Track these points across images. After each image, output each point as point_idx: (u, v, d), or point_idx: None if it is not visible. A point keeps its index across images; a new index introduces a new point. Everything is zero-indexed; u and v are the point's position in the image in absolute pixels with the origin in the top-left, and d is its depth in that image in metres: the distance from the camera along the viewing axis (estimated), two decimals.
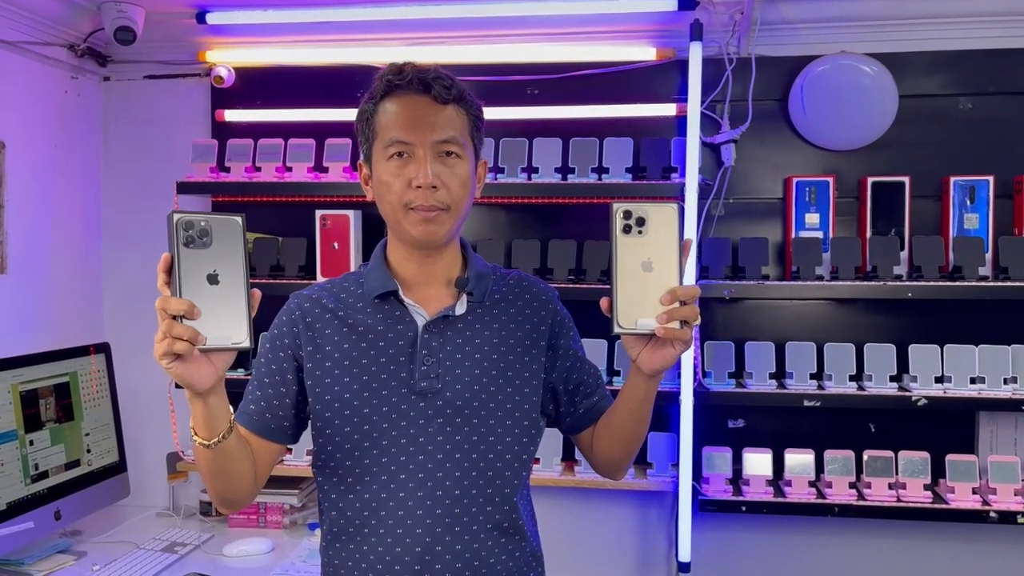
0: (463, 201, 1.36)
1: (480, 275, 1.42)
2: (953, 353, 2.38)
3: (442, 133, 1.32)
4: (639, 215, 1.19)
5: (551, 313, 1.46)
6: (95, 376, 2.46)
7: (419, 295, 1.40)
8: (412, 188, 1.31)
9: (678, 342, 1.21)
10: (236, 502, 1.38)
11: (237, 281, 1.12)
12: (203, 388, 1.15)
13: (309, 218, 2.57)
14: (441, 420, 1.34)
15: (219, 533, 2.52)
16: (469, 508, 1.34)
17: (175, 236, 1.09)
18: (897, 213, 2.46)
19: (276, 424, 1.39)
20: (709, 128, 2.54)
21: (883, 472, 2.39)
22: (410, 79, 1.33)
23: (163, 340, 1.08)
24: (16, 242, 2.48)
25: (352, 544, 1.36)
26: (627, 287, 1.20)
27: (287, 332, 1.40)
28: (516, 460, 1.38)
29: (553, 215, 2.61)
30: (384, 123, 1.34)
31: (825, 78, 2.47)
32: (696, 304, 1.20)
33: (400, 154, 1.33)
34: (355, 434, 1.34)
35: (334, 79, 2.69)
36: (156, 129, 2.80)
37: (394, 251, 1.42)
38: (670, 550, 2.61)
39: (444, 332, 1.37)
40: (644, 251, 1.20)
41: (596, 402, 1.48)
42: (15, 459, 2.16)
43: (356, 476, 1.35)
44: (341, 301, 1.41)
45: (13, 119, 2.47)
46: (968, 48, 2.48)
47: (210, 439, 1.22)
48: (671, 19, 2.50)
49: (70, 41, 2.65)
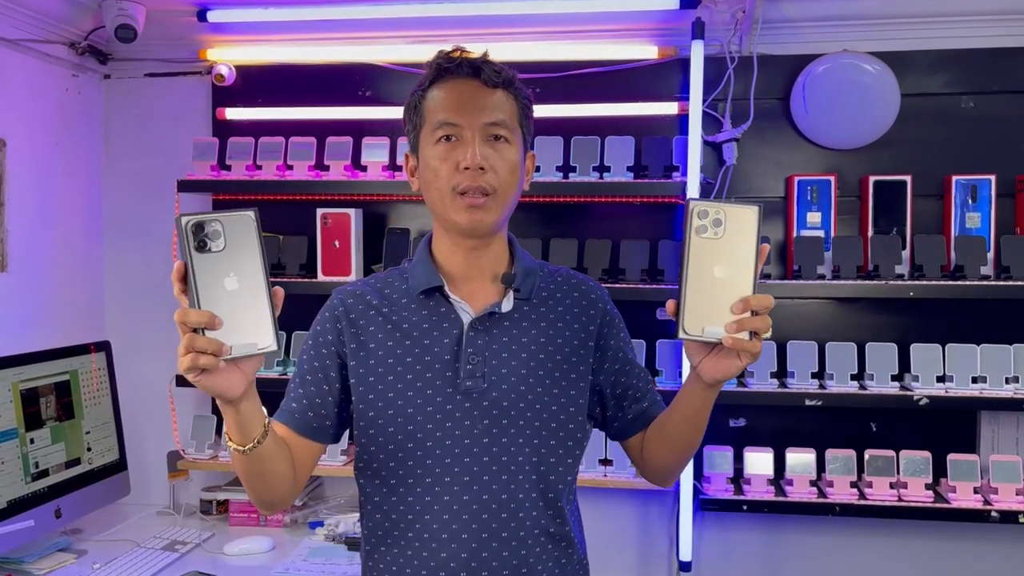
0: (511, 188, 1.32)
1: (528, 271, 1.39)
2: (955, 352, 2.37)
3: (491, 116, 1.30)
4: (716, 215, 1.12)
5: (600, 312, 1.41)
6: (96, 374, 2.46)
7: (465, 291, 1.36)
8: (459, 171, 1.28)
9: (745, 354, 1.14)
10: (275, 503, 1.35)
11: (257, 282, 1.06)
12: (234, 396, 1.11)
13: (310, 216, 2.57)
14: (487, 422, 1.30)
15: (220, 532, 2.51)
16: (516, 513, 1.30)
17: (186, 241, 1.04)
18: (899, 212, 2.45)
19: (318, 423, 1.36)
20: (711, 127, 2.54)
21: (884, 471, 2.39)
22: (459, 63, 1.32)
23: (186, 355, 1.04)
24: (17, 240, 2.48)
25: (396, 548, 1.32)
26: (696, 291, 1.12)
27: (330, 328, 1.37)
28: (562, 464, 1.34)
29: (554, 213, 2.60)
30: (432, 107, 1.32)
31: (827, 77, 2.47)
32: (768, 315, 1.13)
33: (448, 137, 1.30)
34: (399, 435, 1.31)
35: (335, 77, 2.69)
36: (157, 127, 2.80)
37: (440, 244, 1.38)
38: (671, 549, 2.60)
39: (490, 330, 1.33)
40: (718, 254, 1.12)
41: (646, 408, 1.42)
42: (15, 457, 2.16)
43: (400, 478, 1.31)
44: (385, 297, 1.38)
45: (14, 117, 2.46)
46: (970, 47, 2.47)
47: (244, 445, 1.18)
48: (673, 17, 2.49)
49: (71, 39, 2.64)
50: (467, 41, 1.38)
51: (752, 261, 1.12)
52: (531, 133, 1.39)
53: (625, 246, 2.50)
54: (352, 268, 2.53)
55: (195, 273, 1.04)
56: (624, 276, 2.47)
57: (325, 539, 2.44)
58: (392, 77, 2.67)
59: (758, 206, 1.12)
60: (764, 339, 1.16)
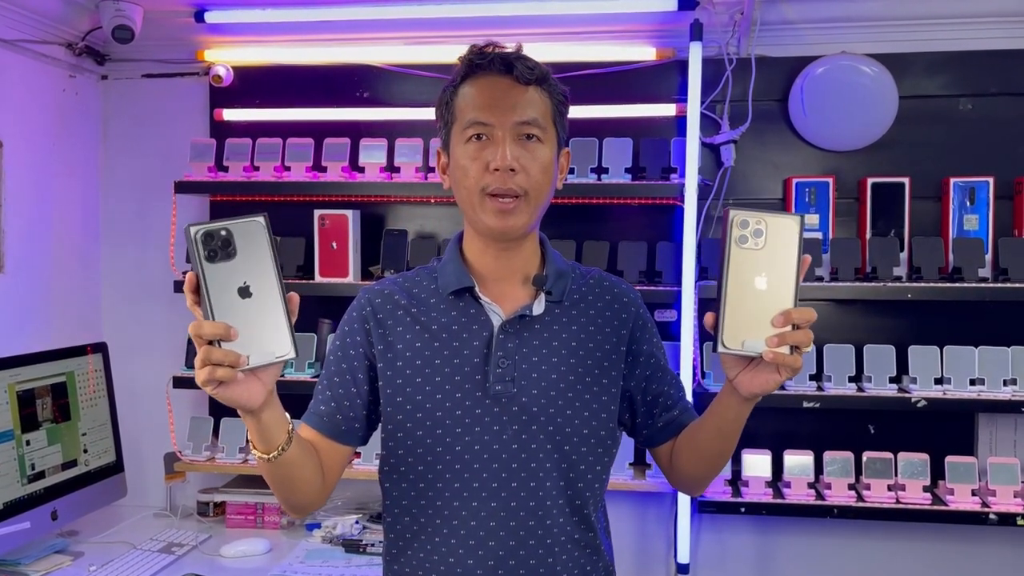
0: (543, 188, 1.30)
1: (559, 273, 1.36)
2: (952, 354, 2.37)
3: (523, 114, 1.27)
4: (757, 225, 1.09)
5: (633, 316, 1.38)
6: (92, 376, 2.46)
7: (495, 292, 1.33)
8: (489, 172, 1.25)
9: (785, 368, 1.11)
10: (305, 507, 1.33)
11: (271, 288, 1.04)
12: (254, 407, 1.09)
13: (308, 218, 2.56)
14: (516, 427, 1.28)
15: (216, 534, 2.51)
16: (543, 520, 1.28)
17: (196, 251, 1.02)
18: (897, 214, 2.45)
19: (347, 426, 1.34)
20: (709, 128, 2.54)
21: (882, 473, 2.38)
22: (492, 59, 1.28)
23: (203, 367, 1.02)
24: (14, 241, 2.47)
25: (422, 552, 1.30)
26: (736, 304, 1.09)
27: (358, 329, 1.35)
28: (591, 471, 1.32)
29: (552, 215, 2.58)
30: (463, 105, 1.29)
31: (825, 79, 2.47)
32: (809, 329, 1.11)
33: (478, 136, 1.27)
34: (428, 438, 1.29)
35: (333, 78, 2.69)
36: (154, 128, 2.79)
37: (470, 244, 1.36)
38: (669, 551, 2.60)
39: (520, 333, 1.31)
40: (759, 265, 1.09)
41: (677, 416, 1.39)
42: (12, 459, 2.16)
43: (428, 482, 1.29)
44: (414, 297, 1.35)
45: (11, 118, 2.46)
46: (968, 49, 2.47)
47: (269, 453, 1.17)
48: (671, 19, 2.49)
49: (68, 40, 2.64)
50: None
51: (794, 272, 1.09)
52: (565, 131, 1.36)
53: (623, 247, 2.50)
54: (350, 269, 2.53)
55: (207, 284, 1.02)
56: (622, 278, 2.46)
57: (322, 541, 2.44)
58: (390, 78, 2.66)
59: (800, 215, 1.10)
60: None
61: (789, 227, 1.09)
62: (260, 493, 2.57)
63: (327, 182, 2.56)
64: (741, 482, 2.43)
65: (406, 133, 2.58)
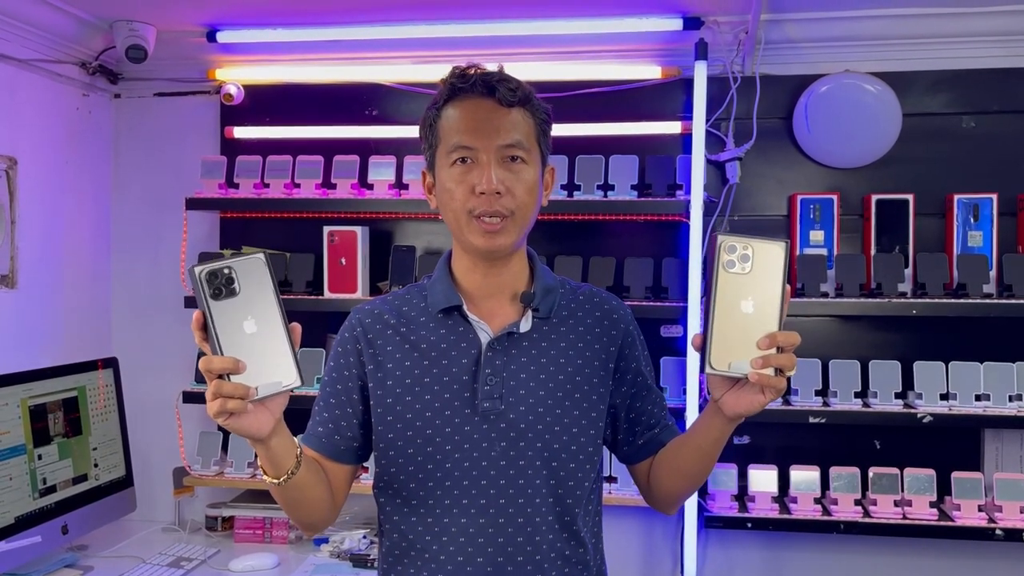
0: (529, 208, 1.31)
1: (547, 289, 1.37)
2: (958, 370, 2.38)
3: (507, 137, 1.28)
4: (744, 251, 1.12)
5: (622, 333, 1.39)
6: (103, 391, 2.48)
7: (484, 309, 1.35)
8: (475, 195, 1.27)
9: (769, 390, 1.13)
10: (317, 525, 1.36)
11: (274, 321, 1.09)
12: (263, 435, 1.13)
13: (317, 234, 2.59)
14: (504, 444, 1.29)
15: (225, 548, 2.52)
16: (533, 536, 1.29)
17: (201, 291, 1.07)
18: (901, 230, 2.46)
19: (345, 445, 1.37)
20: (714, 146, 2.56)
21: (889, 489, 2.38)
22: (474, 81, 1.29)
23: (214, 400, 1.07)
24: (26, 257, 2.50)
25: (413, 568, 1.32)
26: (723, 327, 1.12)
27: (350, 350, 1.37)
28: (579, 487, 1.33)
29: (559, 231, 2.62)
30: (447, 128, 1.30)
31: (829, 97, 2.49)
32: (793, 352, 1.13)
33: (463, 160, 1.28)
34: (418, 456, 1.31)
35: (342, 96, 2.72)
36: (166, 146, 2.83)
37: (458, 262, 1.37)
38: (675, 567, 2.60)
39: (508, 350, 1.32)
40: (745, 289, 1.12)
41: (657, 434, 1.40)
42: (23, 473, 2.17)
43: (420, 499, 1.31)
44: (403, 315, 1.37)
45: (25, 136, 2.49)
46: (971, 67, 2.50)
47: (278, 477, 1.21)
48: (676, 38, 2.52)
49: (82, 59, 2.68)
50: (473, 61, 1.38)
51: (779, 297, 1.12)
52: (549, 148, 1.37)
53: (629, 264, 2.51)
54: (358, 285, 2.55)
55: (214, 320, 1.07)
56: (628, 293, 2.49)
57: (330, 556, 2.44)
58: (398, 96, 2.69)
59: (785, 242, 1.13)
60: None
61: (775, 252, 1.13)
62: (268, 508, 2.58)
63: (336, 199, 2.58)
64: (747, 497, 2.44)
65: (415, 150, 2.57)
